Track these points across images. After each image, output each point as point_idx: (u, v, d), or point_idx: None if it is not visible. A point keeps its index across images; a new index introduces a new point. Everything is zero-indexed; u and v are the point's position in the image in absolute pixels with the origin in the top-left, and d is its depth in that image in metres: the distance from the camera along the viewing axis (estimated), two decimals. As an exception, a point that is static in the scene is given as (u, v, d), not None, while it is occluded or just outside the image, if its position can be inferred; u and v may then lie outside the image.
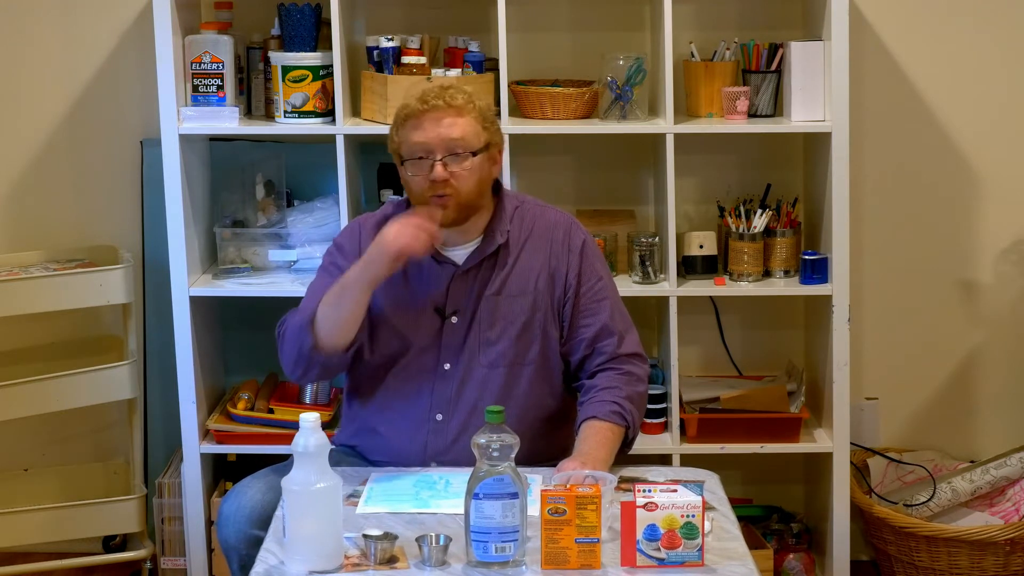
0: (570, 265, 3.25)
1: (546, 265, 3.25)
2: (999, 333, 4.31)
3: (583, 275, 3.25)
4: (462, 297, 3.22)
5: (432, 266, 3.23)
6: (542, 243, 3.26)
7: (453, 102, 3.13)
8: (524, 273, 3.24)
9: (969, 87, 4.20)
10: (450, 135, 3.12)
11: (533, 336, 3.23)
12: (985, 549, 3.92)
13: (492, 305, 3.22)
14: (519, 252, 3.25)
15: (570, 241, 3.27)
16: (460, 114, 3.14)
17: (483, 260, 3.23)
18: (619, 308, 3.30)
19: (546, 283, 3.24)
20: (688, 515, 2.64)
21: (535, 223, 3.28)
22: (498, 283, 3.23)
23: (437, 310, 3.22)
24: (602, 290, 3.27)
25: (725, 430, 3.99)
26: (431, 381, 3.22)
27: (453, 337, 3.22)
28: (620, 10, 4.17)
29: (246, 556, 2.98)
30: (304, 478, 2.65)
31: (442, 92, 3.14)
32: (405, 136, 3.15)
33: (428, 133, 3.12)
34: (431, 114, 3.13)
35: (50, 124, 4.29)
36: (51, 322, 4.29)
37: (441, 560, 2.68)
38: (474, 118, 3.15)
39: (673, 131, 3.86)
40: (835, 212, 3.86)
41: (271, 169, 4.14)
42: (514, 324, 3.22)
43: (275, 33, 4.02)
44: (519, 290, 3.23)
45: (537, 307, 3.23)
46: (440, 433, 3.21)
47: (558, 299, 3.25)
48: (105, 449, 4.44)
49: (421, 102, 3.13)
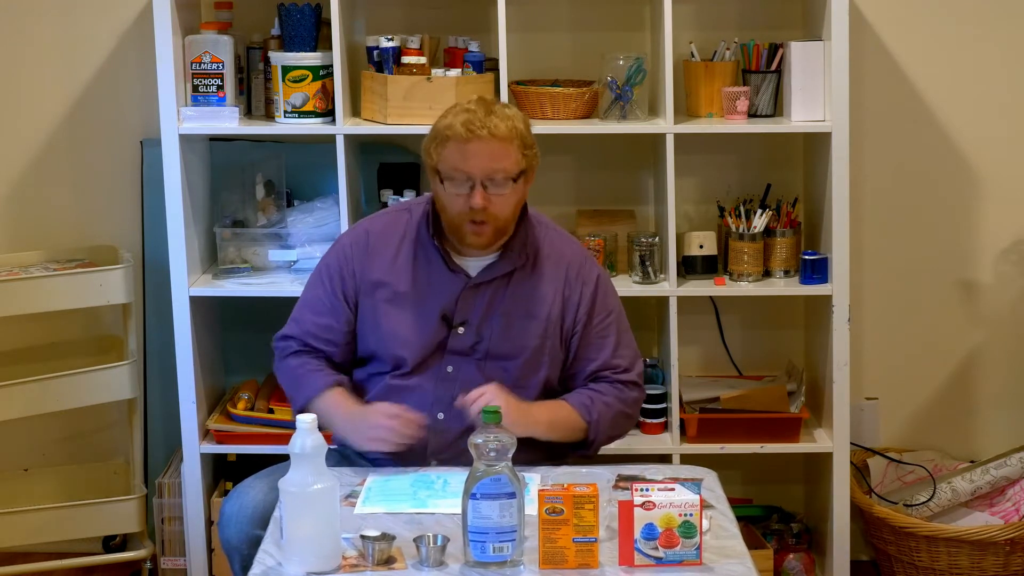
0: (583, 296, 3.25)
1: (559, 294, 3.25)
2: (999, 333, 4.31)
3: (595, 309, 3.26)
4: (471, 309, 3.22)
5: (444, 272, 3.23)
6: (557, 271, 3.26)
7: (497, 132, 3.10)
8: (538, 298, 3.23)
9: (969, 87, 4.20)
10: (492, 166, 3.11)
11: (542, 363, 3.24)
12: (985, 549, 3.91)
13: (504, 325, 3.21)
14: (535, 276, 3.24)
15: (585, 274, 3.27)
16: (504, 144, 3.12)
17: (496, 277, 3.23)
18: (625, 341, 3.30)
19: (558, 312, 3.24)
20: (686, 514, 2.64)
21: (553, 250, 3.28)
22: (510, 303, 3.22)
23: (444, 318, 3.22)
24: (610, 325, 3.27)
25: (725, 430, 3.99)
26: (433, 382, 3.22)
27: (459, 345, 3.22)
28: (620, 10, 4.17)
29: (248, 556, 2.97)
30: (301, 479, 2.65)
31: (487, 120, 3.11)
32: (446, 156, 3.13)
33: (471, 163, 3.10)
34: (475, 144, 3.10)
35: (50, 124, 4.30)
36: (51, 322, 4.29)
37: (439, 560, 2.68)
38: (516, 147, 3.14)
39: (673, 131, 3.85)
40: (835, 212, 3.85)
41: (271, 169, 4.14)
42: (525, 349, 3.22)
43: (275, 33, 4.02)
44: (531, 314, 3.23)
45: (548, 335, 3.24)
46: (441, 432, 3.21)
47: (567, 330, 3.25)
48: (105, 449, 4.44)
49: (466, 128, 3.10)
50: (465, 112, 3.14)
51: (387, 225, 3.31)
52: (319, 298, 3.30)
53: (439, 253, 3.22)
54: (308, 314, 3.31)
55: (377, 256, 3.27)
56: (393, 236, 3.28)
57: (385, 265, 3.26)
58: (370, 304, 3.26)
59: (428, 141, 3.19)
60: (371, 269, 3.26)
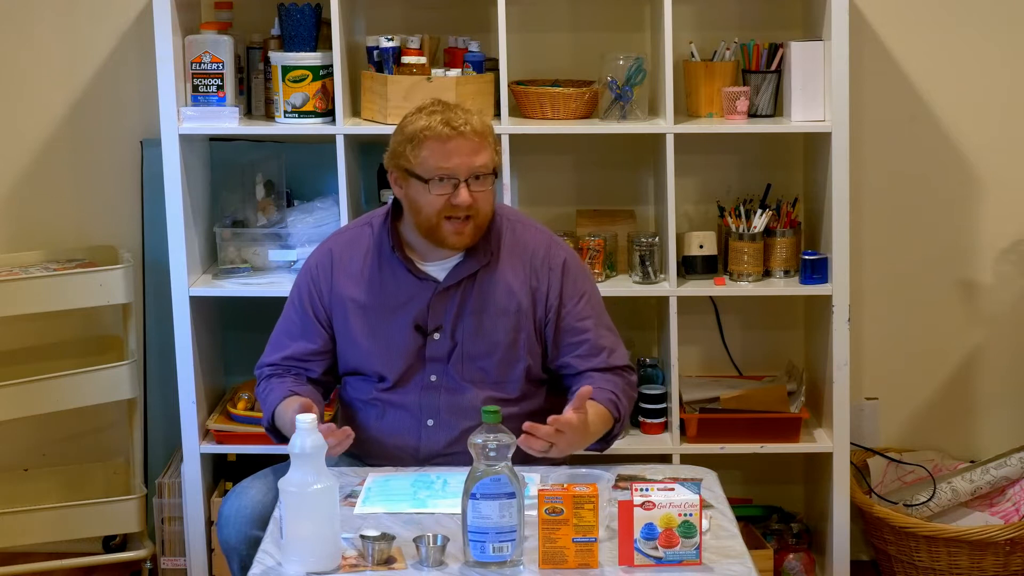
0: (551, 284, 3.24)
1: (527, 284, 3.23)
2: (999, 333, 4.31)
3: (564, 295, 3.24)
4: (443, 314, 3.21)
5: (411, 282, 3.22)
6: (523, 262, 3.25)
7: (476, 127, 3.12)
8: (505, 292, 3.22)
9: (969, 87, 4.20)
10: (475, 162, 3.12)
11: (518, 357, 3.23)
12: (985, 549, 3.91)
13: (475, 323, 3.21)
14: (500, 270, 3.24)
15: (550, 260, 3.26)
16: (482, 140, 3.14)
17: (463, 278, 3.22)
18: (605, 323, 3.29)
19: (528, 303, 3.23)
20: (686, 514, 2.64)
21: (516, 242, 3.27)
22: (480, 301, 3.22)
23: (418, 328, 3.22)
24: (585, 308, 3.25)
25: (725, 430, 3.99)
26: (417, 391, 3.23)
27: (437, 351, 3.22)
28: (620, 10, 4.17)
29: (247, 557, 2.98)
30: (301, 479, 2.65)
31: (466, 117, 3.13)
32: (425, 158, 3.12)
33: (454, 160, 3.11)
34: (457, 142, 3.11)
35: (50, 124, 4.30)
36: (51, 322, 4.29)
37: (439, 560, 2.68)
38: (490, 143, 3.16)
39: (673, 131, 3.85)
40: (835, 212, 3.85)
41: (271, 169, 4.14)
42: (499, 346, 3.21)
43: (275, 33, 4.02)
44: (502, 310, 3.22)
45: (520, 327, 3.23)
46: (432, 438, 3.22)
47: (540, 319, 3.24)
48: (105, 449, 4.44)
49: (447, 126, 3.10)
50: (434, 113, 3.14)
51: (350, 241, 3.31)
52: (292, 321, 3.31)
53: (403, 264, 3.22)
54: (284, 339, 3.32)
55: (342, 273, 3.27)
56: (357, 251, 3.28)
57: (352, 281, 3.26)
58: (343, 321, 3.26)
59: (399, 145, 3.17)
60: (339, 286, 3.26)
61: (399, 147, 3.17)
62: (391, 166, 3.20)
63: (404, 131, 3.17)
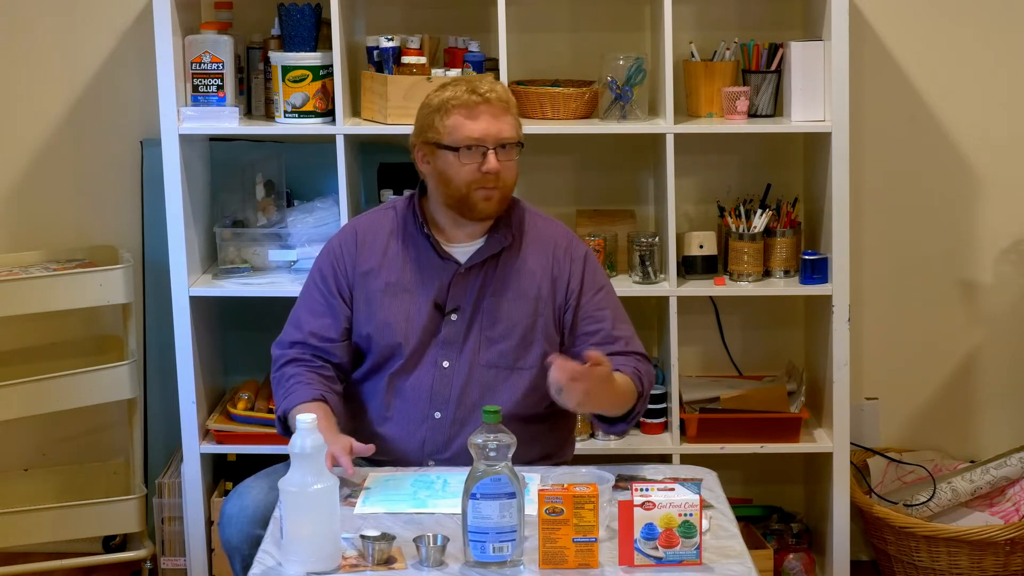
0: (572, 273, 3.26)
1: (548, 272, 3.25)
2: (999, 333, 4.31)
3: (585, 284, 3.25)
4: (463, 295, 3.22)
5: (434, 261, 3.23)
6: (545, 249, 3.26)
7: (501, 95, 3.17)
8: (526, 277, 3.24)
9: (969, 87, 4.20)
10: (502, 128, 3.15)
11: (535, 341, 3.23)
12: (985, 549, 3.91)
13: (494, 305, 3.22)
14: (522, 255, 3.25)
15: (573, 252, 3.28)
16: (506, 108, 3.18)
17: (486, 260, 3.23)
18: (622, 317, 3.29)
19: (548, 290, 3.24)
20: (686, 514, 2.64)
21: (538, 230, 3.29)
22: (500, 284, 3.23)
23: (437, 306, 3.23)
24: (604, 299, 3.27)
25: (725, 430, 3.99)
26: (429, 379, 3.22)
27: (452, 334, 3.22)
28: (620, 10, 4.17)
29: (248, 557, 2.97)
30: (301, 479, 2.65)
31: (491, 84, 3.18)
32: (454, 127, 3.15)
33: (482, 126, 3.14)
34: (485, 107, 3.15)
35: (50, 124, 4.30)
36: (51, 322, 4.29)
37: (439, 560, 2.67)
38: (514, 112, 3.20)
39: (673, 131, 3.86)
40: (835, 212, 3.85)
41: (271, 169, 4.14)
42: (516, 328, 3.22)
43: (275, 33, 4.02)
44: (521, 294, 3.23)
45: (539, 312, 3.23)
46: (439, 431, 3.21)
47: (559, 306, 3.25)
48: (105, 449, 4.44)
49: (473, 93, 3.14)
50: (458, 83, 3.20)
51: (374, 222, 3.32)
52: (315, 300, 3.29)
53: (429, 241, 3.23)
54: (306, 316, 3.30)
55: (367, 250, 3.28)
56: (381, 230, 3.29)
57: (376, 258, 3.27)
58: (363, 295, 3.26)
59: (425, 119, 3.21)
60: (362, 262, 3.27)
61: (425, 120, 3.20)
62: (417, 142, 3.23)
63: (430, 104, 3.20)
